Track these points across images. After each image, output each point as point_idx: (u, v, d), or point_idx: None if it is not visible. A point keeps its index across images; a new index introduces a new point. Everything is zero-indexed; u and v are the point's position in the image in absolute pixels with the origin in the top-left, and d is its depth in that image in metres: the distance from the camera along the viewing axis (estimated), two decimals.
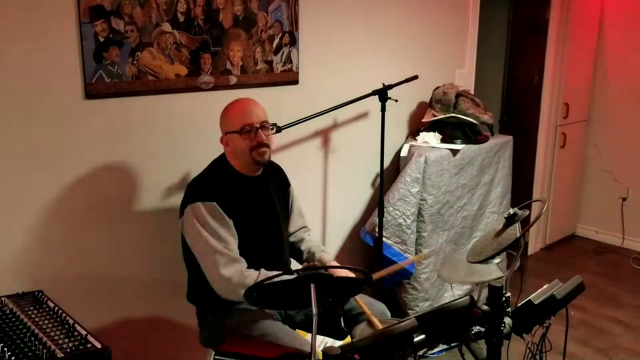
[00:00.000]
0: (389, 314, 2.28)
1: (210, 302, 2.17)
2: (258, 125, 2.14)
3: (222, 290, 2.07)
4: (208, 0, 2.50)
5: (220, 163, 2.25)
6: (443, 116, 3.41)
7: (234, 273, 2.04)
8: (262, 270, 2.11)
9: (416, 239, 3.25)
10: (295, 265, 2.46)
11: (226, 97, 2.59)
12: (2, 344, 1.63)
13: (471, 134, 3.49)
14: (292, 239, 2.46)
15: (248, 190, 2.21)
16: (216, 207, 2.08)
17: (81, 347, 1.63)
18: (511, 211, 1.78)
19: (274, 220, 2.30)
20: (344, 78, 3.11)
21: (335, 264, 2.32)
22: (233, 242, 2.11)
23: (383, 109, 2.96)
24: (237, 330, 2.12)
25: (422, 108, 3.59)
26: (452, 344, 1.61)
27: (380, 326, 1.95)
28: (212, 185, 2.16)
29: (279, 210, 2.32)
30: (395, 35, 3.35)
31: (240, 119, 2.14)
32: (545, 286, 1.72)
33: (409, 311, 3.30)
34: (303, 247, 2.43)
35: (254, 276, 2.05)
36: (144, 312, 2.56)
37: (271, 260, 2.25)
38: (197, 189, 2.16)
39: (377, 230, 3.09)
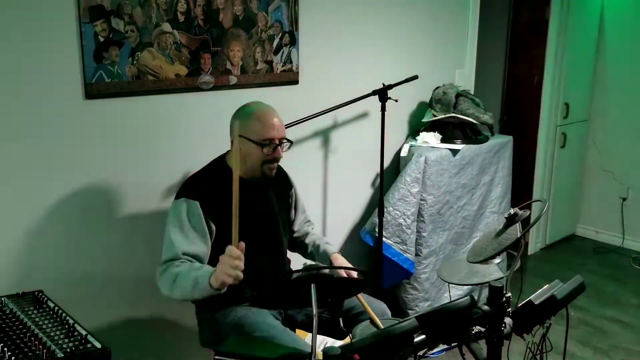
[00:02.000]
0: (389, 313, 2.28)
1: (209, 302, 2.16)
2: (278, 142, 2.12)
3: (156, 277, 2.05)
4: (208, 0, 2.50)
5: (217, 164, 2.23)
6: (443, 116, 3.41)
7: (165, 266, 2.01)
8: (180, 279, 1.96)
9: (416, 239, 3.26)
10: (300, 259, 2.46)
11: (226, 97, 2.60)
12: (2, 344, 1.63)
13: (471, 134, 3.49)
14: (296, 234, 2.47)
15: (243, 193, 2.20)
16: (197, 207, 2.06)
17: (81, 347, 1.63)
18: (512, 211, 1.77)
19: (272, 224, 2.28)
20: (344, 78, 3.11)
21: (339, 256, 2.32)
22: (198, 245, 2.06)
23: (383, 109, 2.96)
24: (237, 330, 2.11)
25: (422, 108, 3.59)
26: (452, 344, 1.60)
27: (381, 325, 1.95)
28: (202, 185, 2.15)
29: (277, 213, 2.31)
30: (395, 35, 3.34)
31: (263, 131, 2.09)
32: (545, 286, 1.72)
33: (409, 311, 3.30)
34: (307, 240, 2.45)
35: (166, 279, 1.98)
36: (144, 312, 2.56)
37: (268, 263, 2.25)
38: (186, 186, 2.16)
39: (377, 230, 3.09)
